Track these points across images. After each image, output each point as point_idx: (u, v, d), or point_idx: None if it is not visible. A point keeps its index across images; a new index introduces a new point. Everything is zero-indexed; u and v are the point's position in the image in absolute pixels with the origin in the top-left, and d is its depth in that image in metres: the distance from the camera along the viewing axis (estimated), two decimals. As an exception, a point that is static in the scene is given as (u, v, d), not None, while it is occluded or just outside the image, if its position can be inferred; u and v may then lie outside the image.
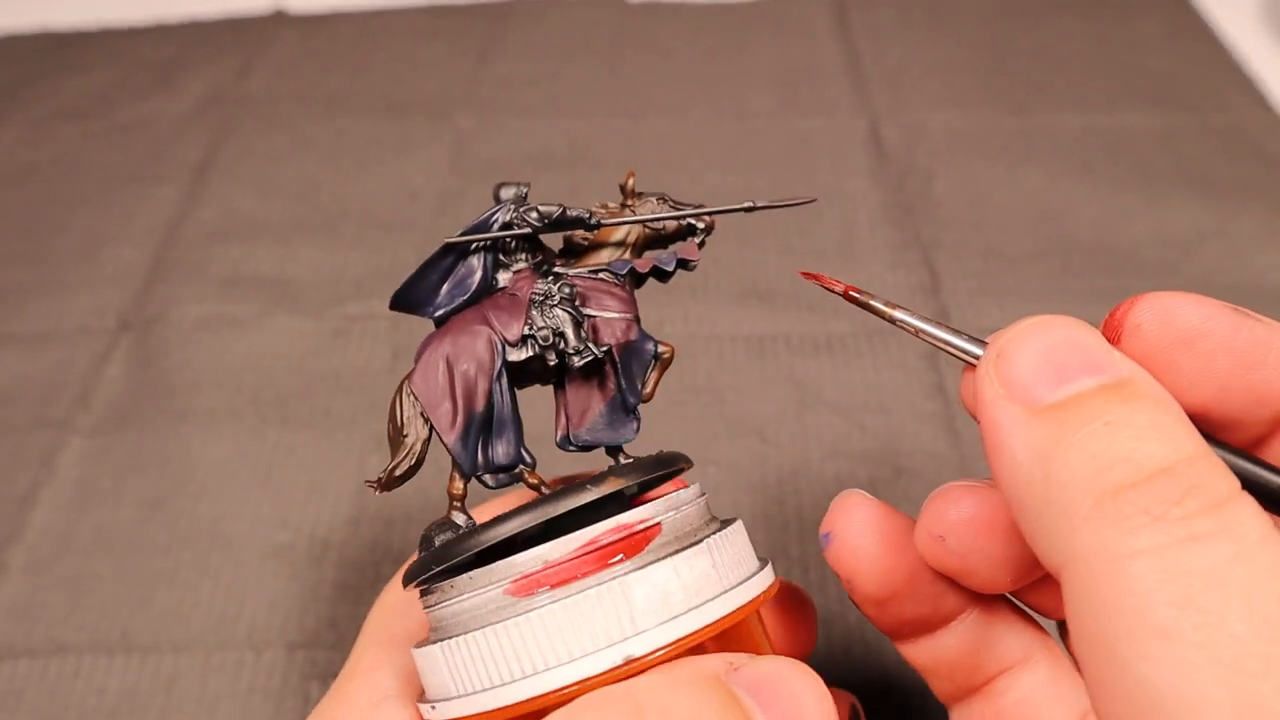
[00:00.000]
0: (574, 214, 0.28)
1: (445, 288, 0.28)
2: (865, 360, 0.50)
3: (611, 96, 0.69)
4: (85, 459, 0.47)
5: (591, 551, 0.24)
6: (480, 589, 0.24)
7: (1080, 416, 0.19)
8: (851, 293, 0.25)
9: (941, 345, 0.24)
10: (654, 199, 0.29)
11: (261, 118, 0.68)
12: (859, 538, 0.26)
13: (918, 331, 0.24)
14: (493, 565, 0.24)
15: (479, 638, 0.23)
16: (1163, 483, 0.18)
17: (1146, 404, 0.19)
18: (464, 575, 0.24)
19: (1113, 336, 0.22)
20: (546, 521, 0.24)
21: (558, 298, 0.28)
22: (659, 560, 0.24)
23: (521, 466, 0.27)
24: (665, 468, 0.27)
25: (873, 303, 0.25)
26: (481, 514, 0.27)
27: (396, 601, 0.29)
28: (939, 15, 0.76)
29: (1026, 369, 0.20)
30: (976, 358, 0.23)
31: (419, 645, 0.25)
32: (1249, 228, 0.57)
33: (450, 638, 0.24)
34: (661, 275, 0.29)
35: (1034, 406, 0.20)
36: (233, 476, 0.46)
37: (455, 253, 0.28)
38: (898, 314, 0.24)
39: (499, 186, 0.28)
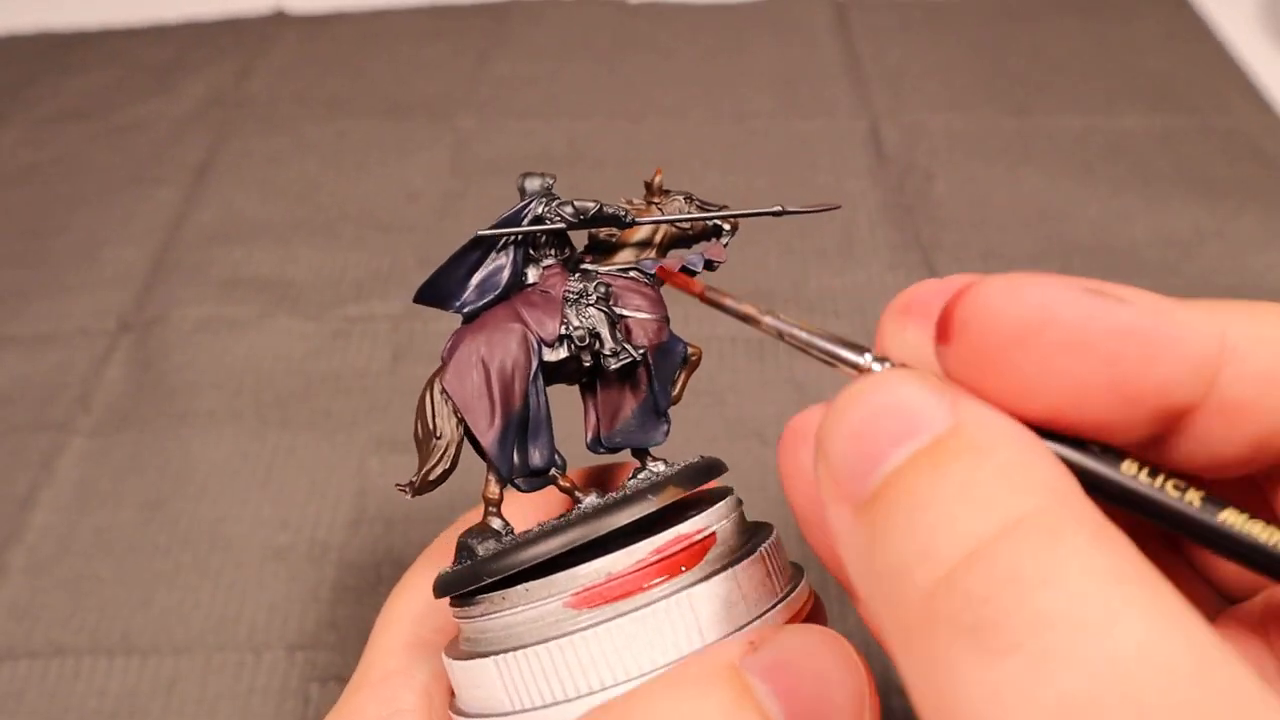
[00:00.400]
0: (610, 211, 0.28)
1: (474, 282, 0.27)
2: (865, 361, 0.50)
3: (611, 97, 0.69)
4: (85, 460, 0.47)
5: (655, 563, 0.23)
6: (538, 601, 0.23)
7: (890, 508, 0.15)
8: (708, 294, 0.22)
9: (812, 352, 0.21)
10: (680, 197, 0.29)
11: (262, 119, 0.68)
12: (796, 439, 0.24)
13: (782, 334, 0.21)
14: (552, 577, 0.23)
15: (541, 652, 0.23)
16: (963, 580, 0.14)
17: (960, 464, 0.15)
18: (519, 587, 0.23)
19: (943, 336, 0.18)
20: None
21: (594, 297, 0.27)
22: (720, 571, 0.23)
23: (554, 469, 0.27)
24: (713, 474, 0.26)
25: (727, 303, 0.22)
26: (508, 510, 0.27)
27: (405, 609, 0.28)
28: (939, 16, 0.76)
29: (843, 459, 0.16)
30: (855, 367, 0.20)
31: (459, 657, 0.24)
32: (1248, 229, 0.57)
33: (504, 651, 0.23)
34: (689, 275, 0.28)
35: (857, 504, 0.16)
36: (233, 478, 0.46)
37: (484, 247, 0.27)
38: (764, 319, 0.21)
39: (524, 177, 0.28)
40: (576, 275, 0.28)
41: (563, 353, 0.27)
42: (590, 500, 0.26)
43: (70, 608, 0.42)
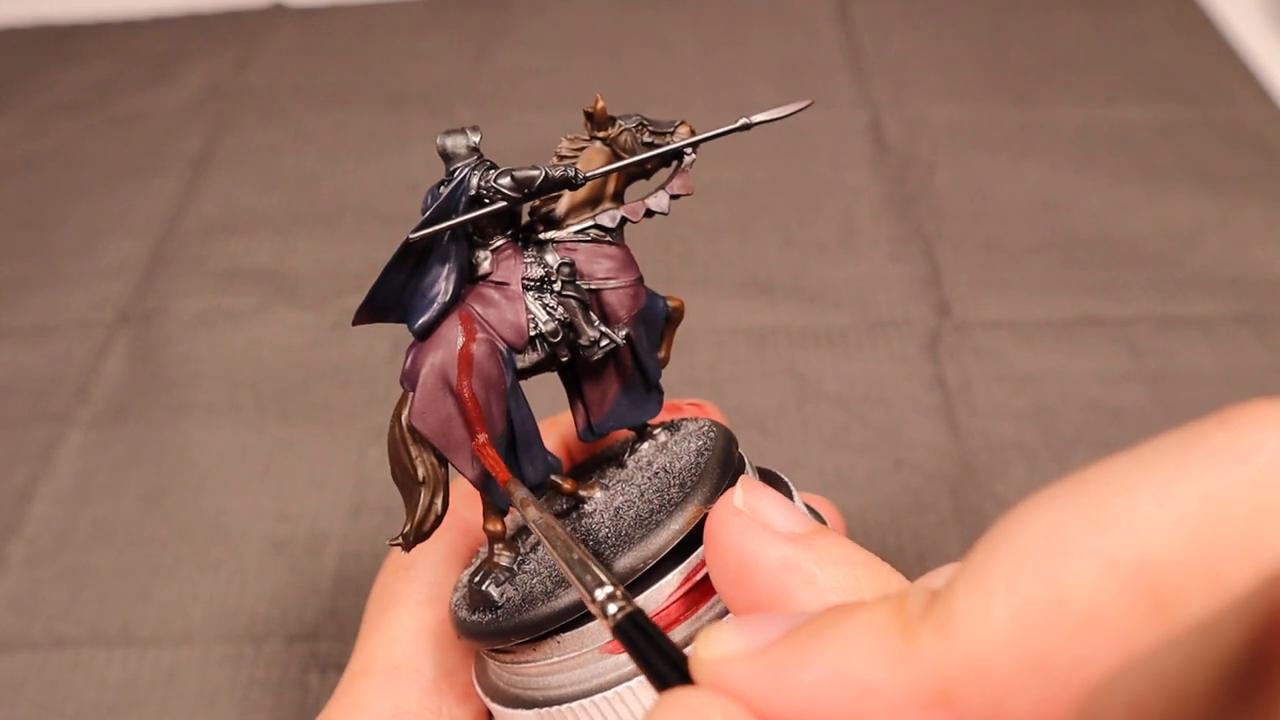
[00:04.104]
0: (557, 175, 0.24)
1: (419, 288, 0.23)
2: (866, 352, 0.50)
3: (612, 89, 0.69)
4: (84, 452, 0.47)
5: (687, 593, 0.22)
6: (572, 653, 0.22)
7: None
8: (508, 485, 0.23)
9: (560, 565, 0.21)
10: (629, 126, 0.25)
11: (260, 110, 0.68)
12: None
13: (546, 540, 0.21)
14: (585, 628, 0.22)
15: (587, 705, 0.22)
16: None
17: None
18: (550, 640, 0.23)
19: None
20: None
21: (558, 281, 0.24)
22: None
23: (552, 476, 0.25)
24: (730, 467, 0.24)
25: (517, 496, 0.22)
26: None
27: (408, 593, 0.28)
28: (940, 7, 0.75)
29: None
30: (590, 599, 0.20)
31: (498, 700, 0.24)
32: (1251, 220, 0.57)
33: (546, 704, 0.22)
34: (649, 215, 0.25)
35: None
36: (232, 470, 0.46)
37: (419, 248, 0.23)
38: (534, 521, 0.21)
39: (444, 136, 0.24)
40: (531, 250, 0.24)
41: (536, 355, 0.24)
42: (598, 498, 0.25)
43: (69, 599, 0.42)
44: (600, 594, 0.19)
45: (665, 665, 0.18)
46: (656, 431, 0.26)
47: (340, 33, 0.75)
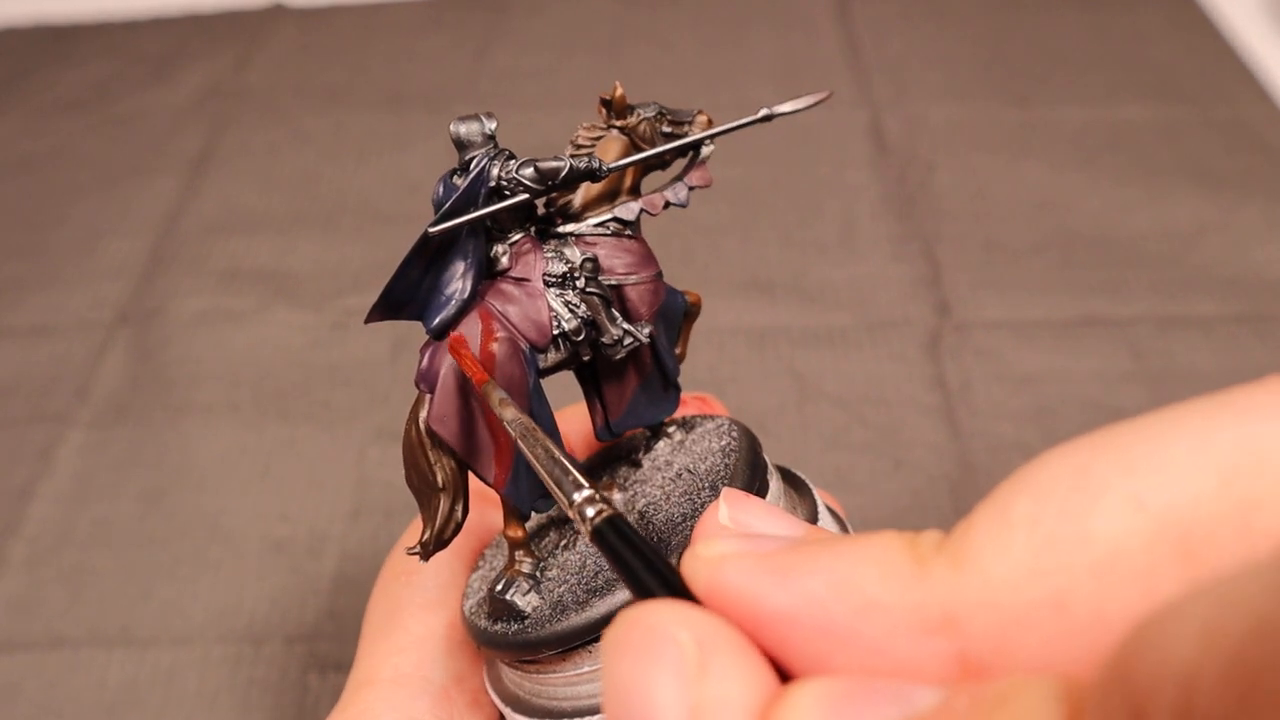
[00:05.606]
0: (582, 166, 0.23)
1: (436, 285, 0.23)
2: (866, 352, 0.50)
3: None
4: (84, 452, 0.47)
5: None
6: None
7: None
8: (485, 386, 0.21)
9: (538, 470, 0.19)
10: (648, 114, 0.25)
11: (260, 110, 0.68)
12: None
13: (521, 441, 0.19)
14: None
15: None
16: None
17: None
18: (583, 649, 0.22)
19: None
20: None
21: (582, 278, 0.23)
22: None
23: None
24: (760, 470, 0.24)
25: (493, 397, 0.21)
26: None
27: (411, 598, 0.27)
28: (940, 7, 0.75)
29: None
30: (568, 502, 0.18)
31: (522, 711, 0.23)
32: (1251, 220, 0.57)
33: (577, 715, 0.22)
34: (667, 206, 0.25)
35: None
36: (232, 470, 0.46)
37: (437, 242, 0.22)
38: (510, 423, 0.20)
39: (458, 123, 0.23)
40: (550, 244, 0.24)
41: (558, 355, 0.23)
42: (616, 500, 0.24)
43: (69, 599, 0.42)
44: (579, 497, 0.18)
45: (648, 573, 0.16)
46: (672, 430, 0.26)
47: (340, 33, 0.75)
